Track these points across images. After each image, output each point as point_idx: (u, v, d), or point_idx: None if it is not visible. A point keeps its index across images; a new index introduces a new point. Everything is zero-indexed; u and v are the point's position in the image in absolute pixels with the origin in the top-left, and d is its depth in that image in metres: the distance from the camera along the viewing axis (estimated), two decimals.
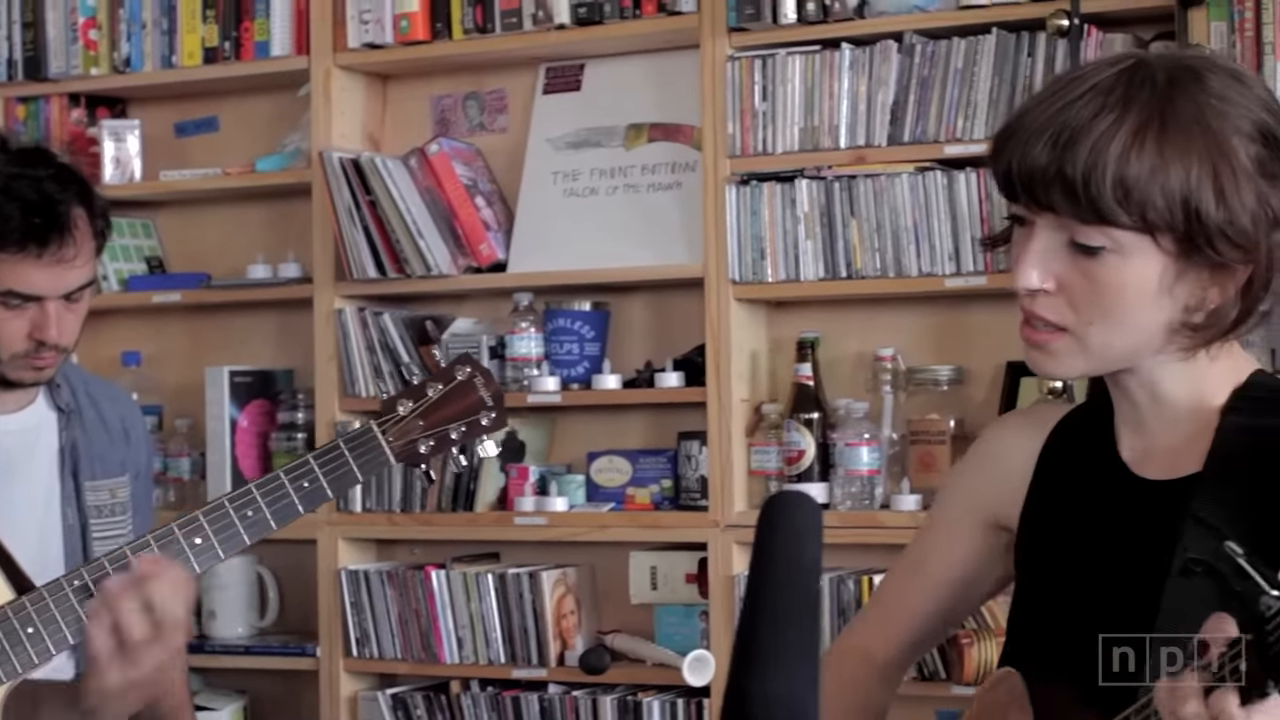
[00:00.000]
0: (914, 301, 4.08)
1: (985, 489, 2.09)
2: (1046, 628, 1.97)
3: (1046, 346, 1.85)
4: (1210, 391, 1.88)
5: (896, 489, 3.98)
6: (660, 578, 4.24)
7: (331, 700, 4.45)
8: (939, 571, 2.13)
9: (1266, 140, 1.81)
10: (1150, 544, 1.83)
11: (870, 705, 2.17)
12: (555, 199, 4.37)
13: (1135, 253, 1.79)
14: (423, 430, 2.56)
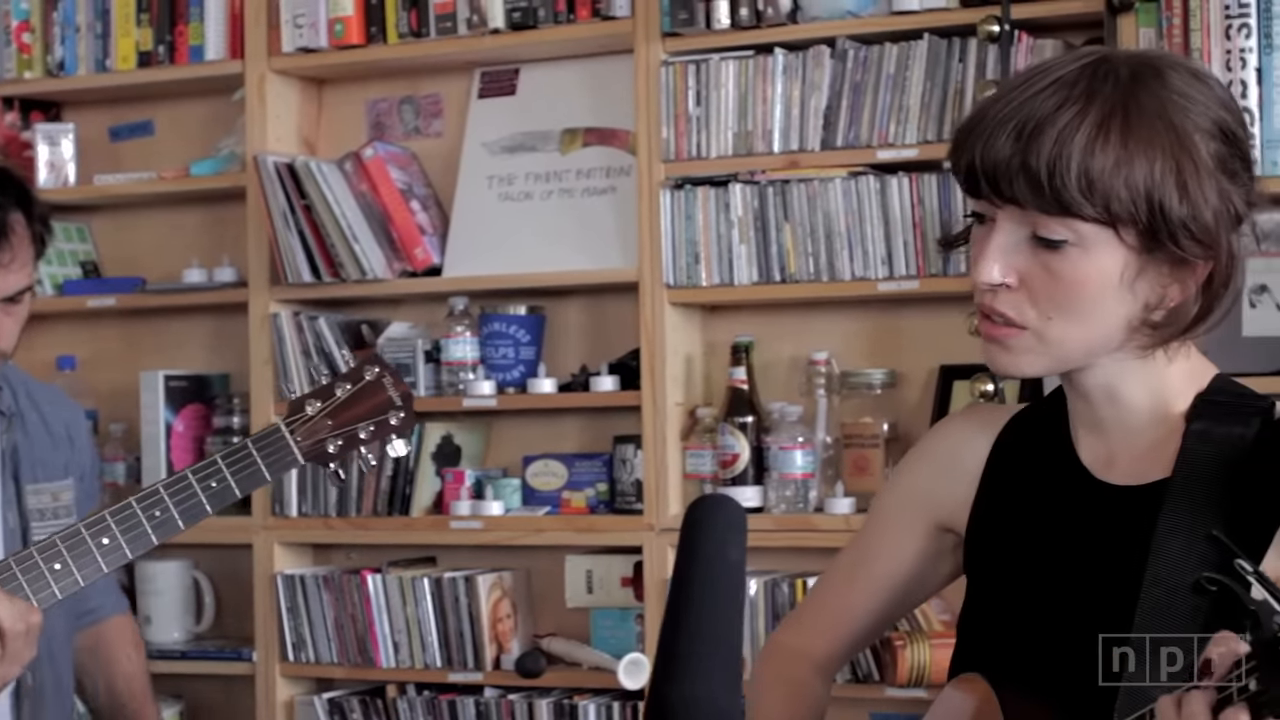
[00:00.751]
0: (847, 305, 4.10)
1: (932, 488, 2.06)
2: (1005, 633, 1.95)
3: (1005, 342, 1.84)
4: (1172, 396, 1.87)
5: (830, 492, 3.99)
6: (596, 581, 4.25)
7: (268, 705, 4.44)
8: (881, 570, 2.10)
9: (1226, 138, 1.81)
10: (1120, 552, 1.82)
11: (810, 703, 2.14)
12: (490, 203, 4.37)
13: (1097, 246, 1.78)
14: (331, 430, 2.56)
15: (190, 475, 2.55)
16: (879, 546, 2.11)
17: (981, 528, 2.00)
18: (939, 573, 2.10)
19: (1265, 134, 3.53)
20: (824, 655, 2.15)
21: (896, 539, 2.09)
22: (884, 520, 2.12)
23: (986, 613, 1.98)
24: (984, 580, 2.00)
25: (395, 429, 2.59)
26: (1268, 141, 3.53)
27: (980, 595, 2.00)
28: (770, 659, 2.17)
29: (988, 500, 2.00)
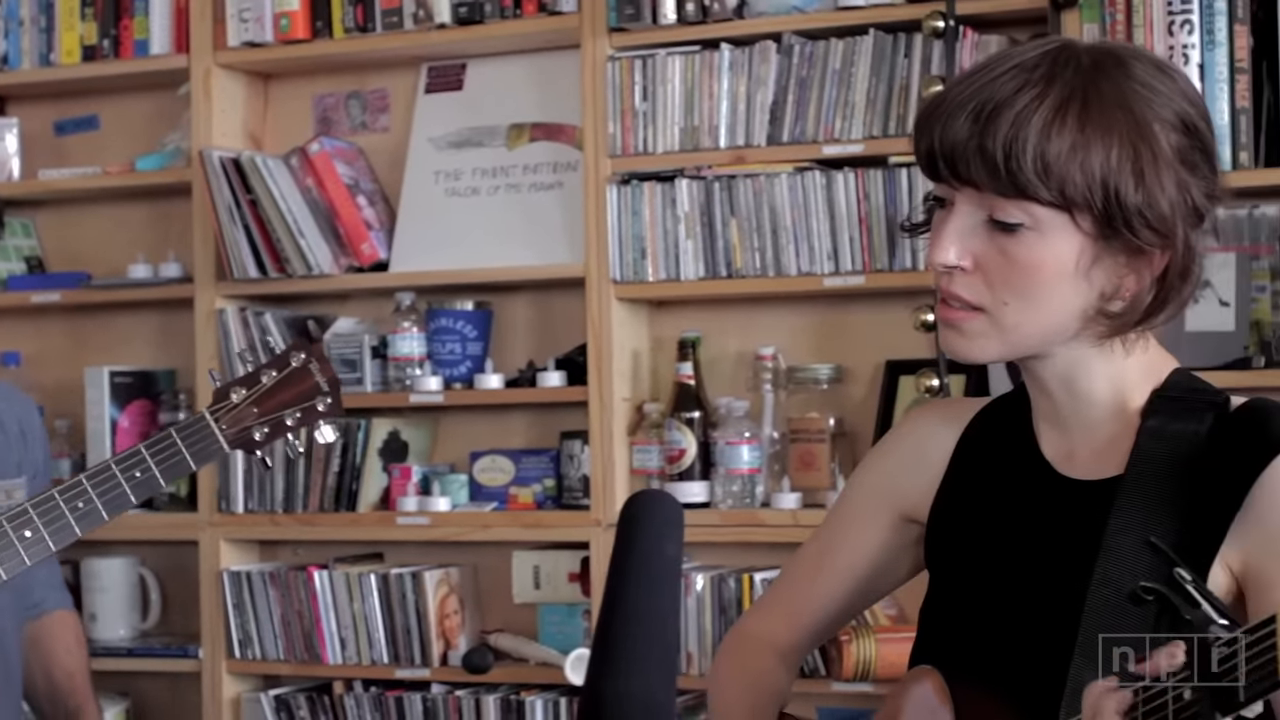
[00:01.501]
0: (794, 301, 4.11)
1: (899, 479, 2.07)
2: (962, 625, 1.95)
3: (960, 325, 1.84)
4: (1130, 390, 1.88)
5: (777, 487, 4.00)
6: (543, 577, 4.24)
7: (214, 702, 4.42)
8: (845, 560, 2.10)
9: (1187, 130, 1.81)
10: (1073, 546, 1.82)
11: (772, 692, 2.15)
12: (437, 198, 4.37)
13: (1053, 231, 1.78)
14: (257, 417, 2.54)
15: (113, 465, 2.53)
16: (844, 536, 2.11)
17: (943, 519, 2.01)
18: (904, 564, 2.10)
19: None
20: (787, 644, 2.15)
21: (862, 529, 2.09)
22: (850, 511, 2.12)
23: (945, 605, 1.99)
24: (944, 572, 2.00)
25: (323, 415, 2.57)
26: None
27: (940, 587, 2.01)
28: (733, 648, 2.19)
29: (951, 492, 2.01)
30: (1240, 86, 3.56)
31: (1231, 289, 3.57)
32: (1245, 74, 3.56)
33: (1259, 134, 3.57)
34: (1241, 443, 1.80)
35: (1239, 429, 1.82)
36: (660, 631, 1.51)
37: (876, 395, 4.02)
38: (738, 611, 3.93)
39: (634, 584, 1.53)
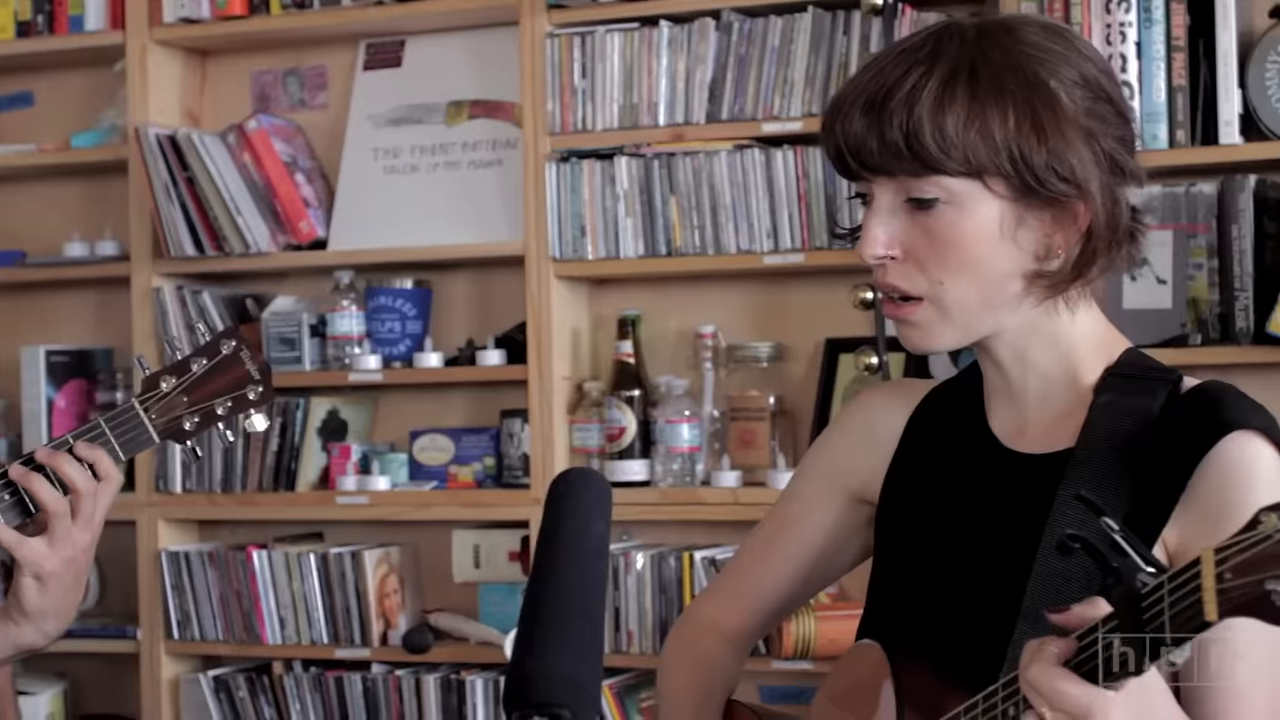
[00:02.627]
0: (733, 279, 4.10)
1: (850, 460, 2.07)
2: (908, 600, 1.96)
3: (909, 318, 1.85)
4: (1082, 366, 1.88)
5: (717, 466, 4.00)
6: (483, 556, 4.24)
7: (153, 683, 4.40)
8: (797, 543, 2.11)
9: (1088, 84, 1.82)
10: (1021, 518, 1.83)
11: (720, 678, 2.15)
12: (376, 176, 4.34)
13: (969, 201, 1.80)
14: (187, 406, 2.51)
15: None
16: (795, 519, 2.12)
17: (893, 497, 2.02)
18: (853, 546, 2.11)
19: (1145, 107, 3.56)
20: (736, 627, 2.16)
21: (813, 510, 2.10)
22: (800, 493, 2.13)
23: (891, 580, 2.00)
24: (891, 548, 2.01)
25: (254, 404, 2.54)
26: (1147, 115, 3.56)
27: (887, 563, 2.01)
28: (681, 632, 2.20)
29: (901, 470, 2.01)
30: (1177, 64, 3.57)
31: (1168, 267, 3.58)
32: (1182, 52, 3.57)
33: (1195, 112, 3.58)
34: (1190, 424, 1.81)
35: (1189, 410, 1.83)
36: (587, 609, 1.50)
37: (816, 373, 4.02)
38: (678, 590, 3.93)
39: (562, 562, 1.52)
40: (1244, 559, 1.39)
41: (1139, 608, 1.50)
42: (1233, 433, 1.78)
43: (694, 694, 2.14)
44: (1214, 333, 3.57)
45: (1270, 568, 1.37)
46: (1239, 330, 3.51)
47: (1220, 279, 3.56)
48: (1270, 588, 1.37)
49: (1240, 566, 1.39)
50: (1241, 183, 3.52)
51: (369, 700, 4.20)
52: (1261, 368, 3.53)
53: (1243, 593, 1.39)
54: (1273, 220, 3.58)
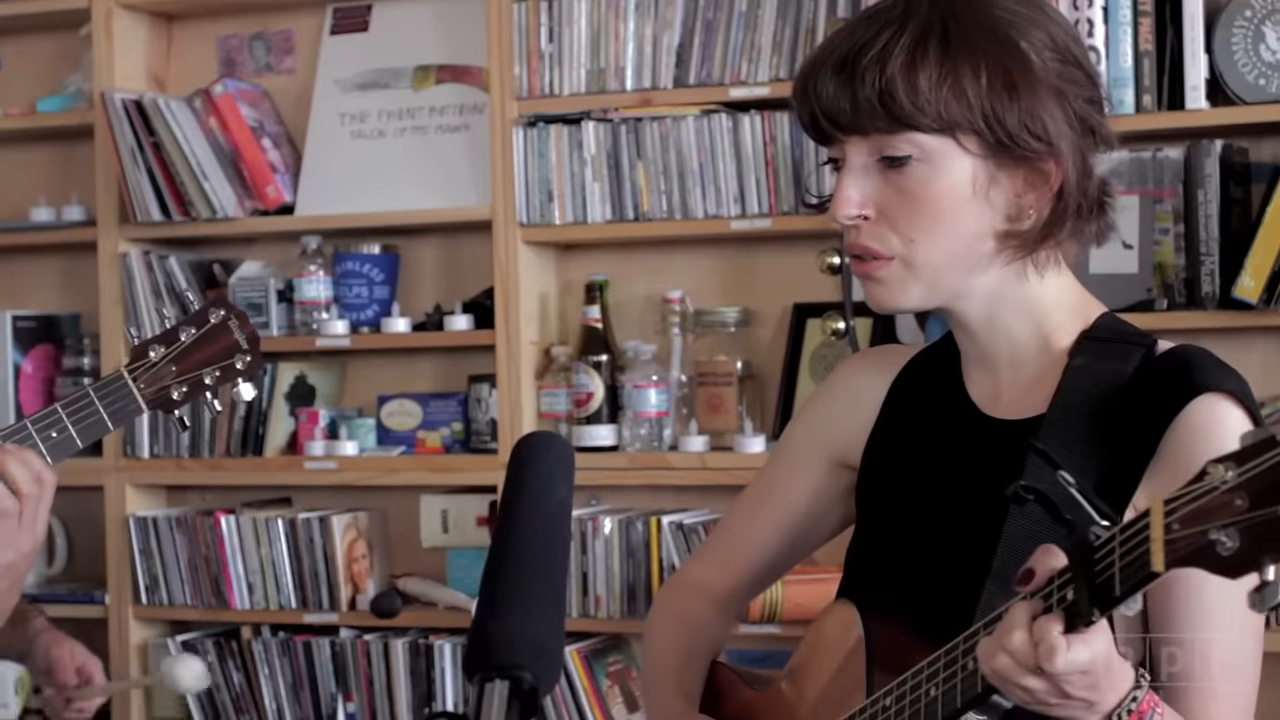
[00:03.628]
0: (701, 244, 4.10)
1: (833, 425, 2.10)
2: (884, 561, 1.99)
3: (876, 274, 1.86)
4: (1056, 331, 1.90)
5: (685, 430, 4.00)
6: (451, 521, 4.24)
7: (121, 648, 4.40)
8: (783, 507, 2.13)
9: (1058, 48, 1.84)
10: (993, 480, 1.84)
11: (706, 639, 2.18)
12: (343, 141, 4.33)
13: (942, 158, 1.82)
14: (175, 376, 2.51)
15: (30, 425, 2.49)
16: (781, 482, 2.14)
17: (874, 461, 2.04)
18: (836, 511, 2.13)
19: (1111, 72, 3.57)
20: (723, 590, 2.18)
21: (798, 475, 2.13)
22: (787, 457, 2.15)
23: (870, 543, 2.03)
24: (871, 512, 2.04)
25: (242, 373, 2.54)
26: (1114, 79, 3.56)
27: (866, 527, 2.04)
28: (668, 594, 2.22)
29: (882, 435, 2.04)
30: (1144, 29, 3.57)
31: (1135, 232, 3.59)
32: (1148, 17, 3.57)
33: (1161, 76, 3.58)
34: (1162, 387, 1.83)
35: (1161, 373, 1.85)
36: (550, 573, 1.50)
37: (784, 338, 4.03)
38: (646, 555, 3.94)
39: (524, 526, 1.52)
40: (1191, 510, 1.41)
41: (1091, 559, 1.52)
42: (1203, 395, 1.80)
43: (679, 654, 2.16)
44: (1180, 297, 3.58)
45: (1215, 518, 1.39)
46: (1205, 295, 3.53)
47: (1186, 244, 3.57)
48: (1214, 537, 1.39)
49: (1187, 517, 1.41)
50: (1208, 148, 3.53)
51: (337, 664, 4.21)
52: (1227, 332, 3.55)
53: (1188, 543, 1.41)
54: (1239, 185, 3.59)
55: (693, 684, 2.14)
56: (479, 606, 1.47)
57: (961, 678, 1.67)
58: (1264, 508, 1.36)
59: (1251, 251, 3.48)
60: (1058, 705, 1.60)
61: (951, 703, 1.69)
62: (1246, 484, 1.37)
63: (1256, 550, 1.36)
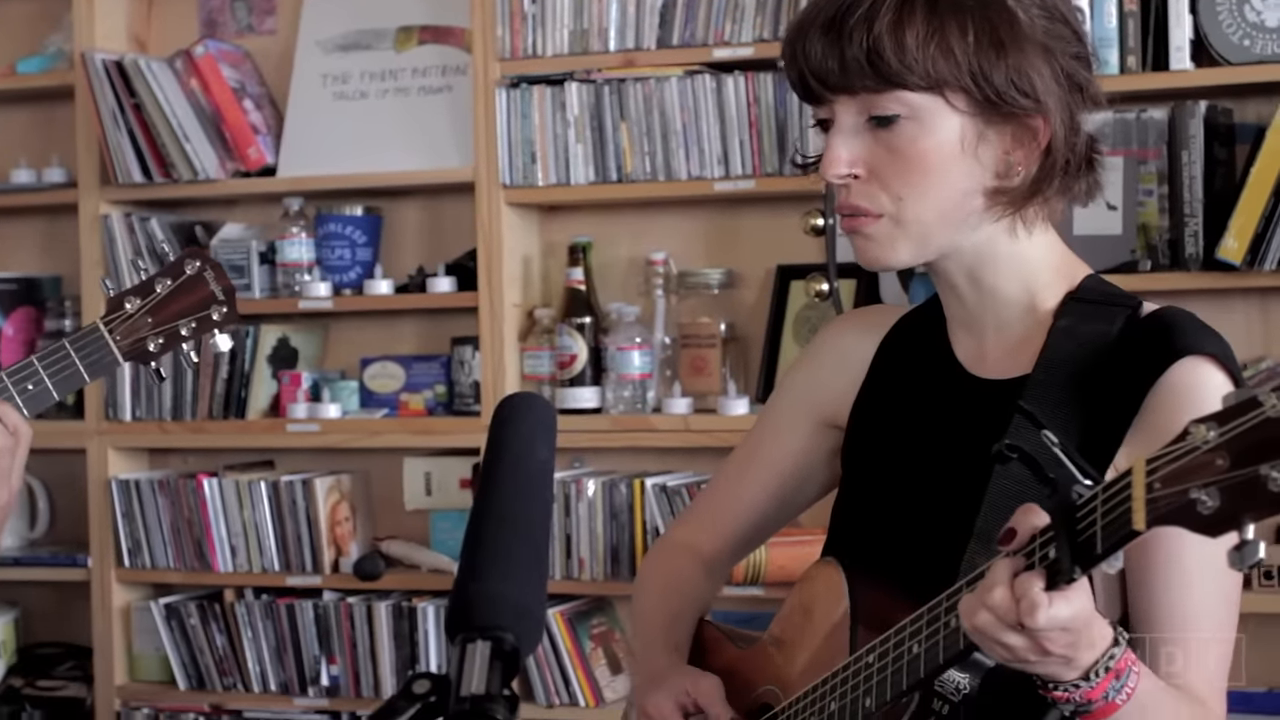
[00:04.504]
0: (684, 205, 4.09)
1: (820, 386, 2.11)
2: (868, 520, 2.00)
3: (865, 231, 1.87)
4: (1042, 291, 1.91)
5: (668, 392, 4.00)
6: (434, 483, 4.24)
7: (104, 611, 4.40)
8: (770, 466, 2.15)
9: (1044, 4, 1.85)
10: (978, 440, 1.85)
11: (693, 598, 2.19)
12: (325, 102, 4.31)
13: (931, 116, 1.82)
14: (151, 327, 2.50)
15: (5, 378, 2.49)
16: (769, 443, 2.16)
17: (861, 421, 2.05)
18: (823, 472, 2.14)
19: (1096, 32, 3.55)
20: (711, 550, 2.19)
21: (786, 435, 2.14)
22: (774, 418, 2.17)
23: (854, 502, 2.04)
24: (856, 471, 2.05)
25: (218, 324, 2.53)
26: (1098, 40, 3.55)
27: (851, 486, 2.06)
28: (657, 553, 2.24)
29: (869, 395, 2.05)
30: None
31: (1119, 193, 3.58)
32: None
33: (1146, 37, 3.57)
34: (1145, 348, 1.84)
35: (1144, 335, 1.85)
36: (531, 533, 1.49)
37: (767, 300, 4.02)
38: (629, 517, 3.94)
39: (506, 486, 1.51)
40: (1173, 469, 1.42)
41: (1073, 518, 1.52)
42: (1185, 358, 1.81)
43: (666, 612, 2.17)
44: (1164, 259, 3.58)
45: (1197, 478, 1.40)
46: (1189, 256, 3.52)
47: (1170, 205, 3.57)
48: (1195, 496, 1.39)
49: (1169, 477, 1.42)
50: (1192, 109, 3.53)
51: (320, 627, 4.20)
52: (1211, 293, 3.55)
53: (1169, 502, 1.42)
54: (1223, 146, 3.59)
55: (681, 639, 2.15)
56: (460, 567, 1.47)
57: (944, 635, 1.68)
58: (1245, 467, 1.36)
59: (1235, 213, 3.48)
60: (1037, 662, 1.61)
61: (934, 659, 1.70)
62: (1228, 444, 1.37)
63: (1236, 509, 1.37)
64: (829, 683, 1.84)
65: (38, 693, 4.49)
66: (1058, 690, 1.63)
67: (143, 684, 4.41)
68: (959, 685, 1.74)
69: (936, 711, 1.75)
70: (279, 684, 4.25)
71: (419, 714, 1.39)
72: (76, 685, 4.48)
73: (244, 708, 4.30)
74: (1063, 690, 1.63)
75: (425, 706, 1.39)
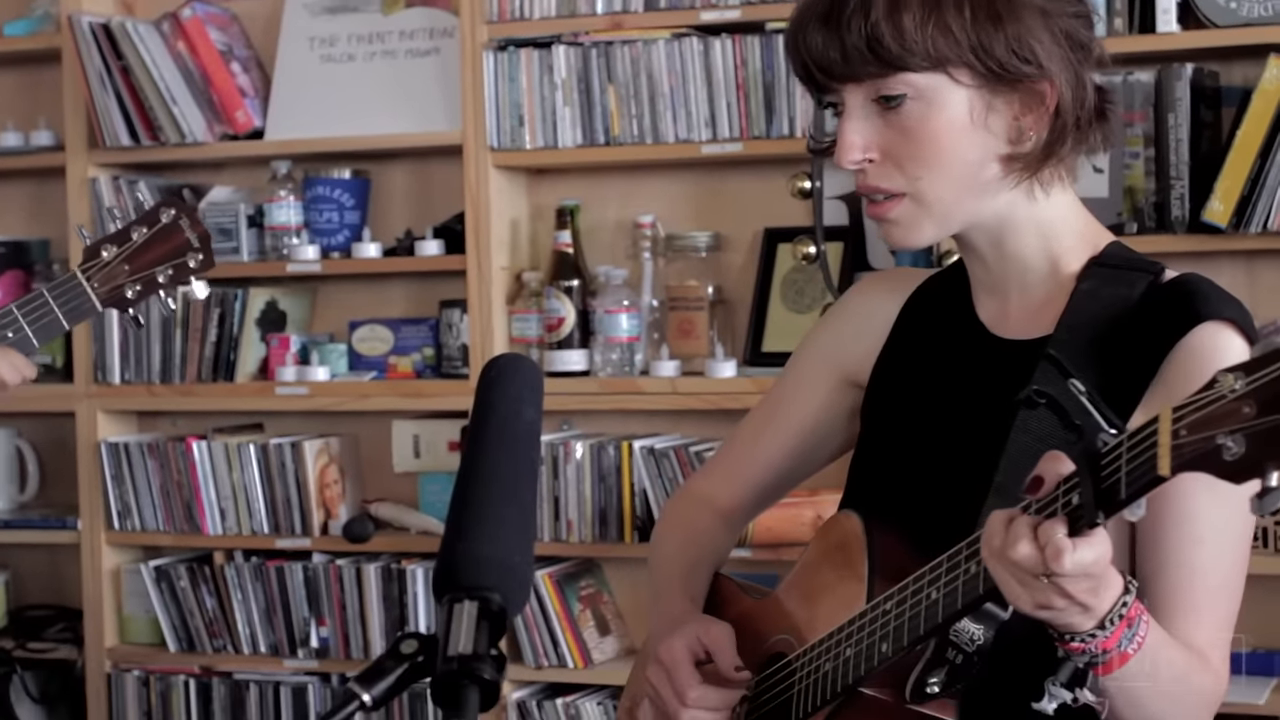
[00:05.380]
0: (672, 168, 4.09)
1: (843, 344, 2.13)
2: (888, 474, 2.03)
3: (890, 215, 1.89)
4: (1065, 255, 1.93)
5: (656, 355, 4.00)
6: (423, 446, 4.25)
7: (94, 573, 4.41)
8: (790, 422, 2.17)
9: None
10: (998, 396, 1.88)
11: (710, 550, 2.22)
12: (313, 65, 4.31)
13: (937, 94, 1.84)
14: (129, 275, 2.52)
15: None
16: (790, 399, 2.18)
17: (882, 379, 2.08)
18: (842, 430, 2.17)
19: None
20: (729, 503, 2.22)
21: (806, 392, 2.17)
22: (796, 375, 2.19)
23: (873, 458, 2.07)
24: (876, 428, 2.08)
25: (194, 271, 2.55)
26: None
27: (870, 441, 2.08)
28: (675, 505, 2.27)
29: (891, 355, 2.07)
30: None
31: (1105, 156, 3.58)
32: None
33: (1132, 0, 3.58)
34: (1165, 313, 1.86)
35: (1166, 300, 1.88)
36: (518, 494, 1.50)
37: (755, 263, 4.03)
38: (617, 479, 3.95)
39: (492, 447, 1.52)
40: (1199, 416, 1.43)
41: (1098, 465, 1.54)
42: (1205, 323, 1.84)
43: (684, 562, 2.20)
44: (1150, 221, 3.59)
45: (1223, 424, 1.41)
46: (1175, 219, 3.53)
47: (1156, 168, 3.57)
48: (1221, 442, 1.41)
49: (1195, 424, 1.44)
50: (1178, 71, 3.53)
51: (310, 590, 4.22)
52: (1196, 256, 3.55)
53: (1194, 448, 1.43)
54: (1209, 109, 3.60)
55: (697, 590, 2.18)
56: (447, 528, 1.48)
57: (963, 580, 1.70)
58: (1271, 414, 1.38)
59: (1221, 175, 3.49)
60: (1060, 610, 1.62)
61: (952, 604, 1.72)
62: (1255, 392, 1.39)
63: (1262, 455, 1.39)
64: (845, 629, 1.87)
65: (28, 655, 4.50)
66: (1074, 641, 1.65)
67: (133, 646, 4.43)
68: (974, 636, 1.76)
69: (950, 661, 1.77)
70: (269, 646, 4.26)
71: (407, 674, 1.40)
72: (67, 647, 4.50)
73: (234, 669, 4.32)
74: (1079, 641, 1.65)
75: (413, 666, 1.40)
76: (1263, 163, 3.46)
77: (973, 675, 1.77)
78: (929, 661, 1.78)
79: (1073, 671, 1.67)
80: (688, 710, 2.01)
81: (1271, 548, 3.52)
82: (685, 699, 2.01)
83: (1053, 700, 1.67)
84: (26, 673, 4.50)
